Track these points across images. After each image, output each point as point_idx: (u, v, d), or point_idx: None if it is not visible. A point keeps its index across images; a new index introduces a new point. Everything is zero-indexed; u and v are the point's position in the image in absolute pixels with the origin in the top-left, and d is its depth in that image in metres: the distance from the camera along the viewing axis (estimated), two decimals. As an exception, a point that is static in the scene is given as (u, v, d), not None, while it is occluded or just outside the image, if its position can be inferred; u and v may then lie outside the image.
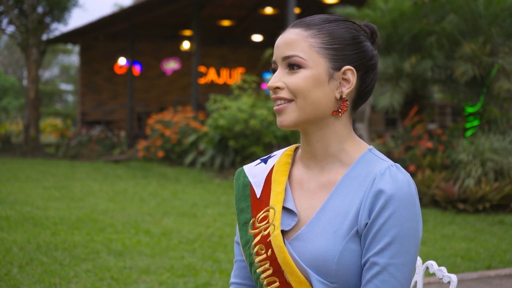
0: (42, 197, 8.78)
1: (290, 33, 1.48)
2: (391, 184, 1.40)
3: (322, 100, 1.45)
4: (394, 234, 1.38)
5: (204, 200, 8.86)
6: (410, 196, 1.40)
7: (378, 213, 1.39)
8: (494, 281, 4.78)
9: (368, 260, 1.40)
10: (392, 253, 1.38)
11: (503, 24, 8.88)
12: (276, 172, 1.56)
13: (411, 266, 1.41)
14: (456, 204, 7.79)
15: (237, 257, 1.63)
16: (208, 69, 21.83)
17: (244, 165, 1.68)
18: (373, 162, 1.47)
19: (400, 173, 1.43)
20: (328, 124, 1.48)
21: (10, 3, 19.18)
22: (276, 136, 11.24)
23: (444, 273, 1.67)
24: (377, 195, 1.40)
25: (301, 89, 1.44)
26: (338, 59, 1.46)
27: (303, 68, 1.45)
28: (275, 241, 1.47)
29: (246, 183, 1.60)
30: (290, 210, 1.50)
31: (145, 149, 14.62)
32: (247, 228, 1.54)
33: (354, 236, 1.42)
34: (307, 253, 1.44)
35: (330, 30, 1.47)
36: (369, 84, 1.51)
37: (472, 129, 8.97)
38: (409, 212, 1.40)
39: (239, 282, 1.63)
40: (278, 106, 1.47)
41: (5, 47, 39.09)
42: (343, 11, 9.68)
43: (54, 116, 32.31)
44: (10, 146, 19.34)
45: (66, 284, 4.42)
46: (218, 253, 5.49)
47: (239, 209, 1.58)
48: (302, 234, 1.46)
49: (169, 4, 16.26)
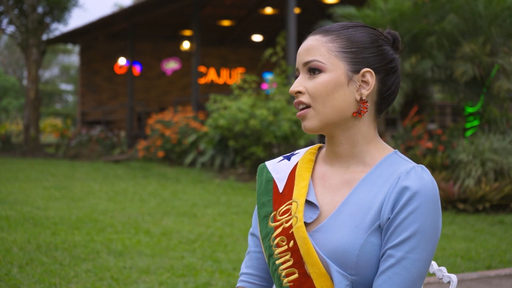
0: (42, 197, 8.78)
1: (310, 40, 1.54)
2: (416, 181, 1.43)
3: (341, 102, 1.49)
4: (415, 229, 1.41)
5: (204, 200, 8.86)
6: (434, 194, 1.44)
7: (402, 207, 1.42)
8: (494, 281, 4.78)
9: (386, 252, 1.42)
10: (410, 248, 1.41)
11: (503, 24, 8.88)
12: (300, 168, 1.60)
13: (426, 263, 1.43)
14: (456, 204, 7.79)
15: (251, 248, 1.65)
16: (208, 69, 21.83)
17: (266, 161, 1.72)
18: (398, 163, 1.51)
19: (425, 173, 1.46)
20: (351, 126, 1.51)
21: (10, 3, 19.18)
22: (276, 136, 11.24)
23: (444, 273, 1.67)
24: (402, 191, 1.43)
25: (320, 93, 1.49)
26: (357, 62, 1.50)
27: (322, 72, 1.49)
28: (298, 232, 1.49)
29: (269, 178, 1.63)
30: (312, 203, 1.53)
31: (145, 149, 14.62)
32: (267, 221, 1.57)
33: (376, 230, 1.44)
34: (328, 245, 1.46)
35: (348, 35, 1.52)
36: (391, 87, 1.54)
37: (472, 129, 8.97)
38: (432, 210, 1.43)
39: (251, 272, 1.64)
40: (300, 111, 1.52)
41: (5, 47, 39.11)
42: (343, 11, 9.67)
43: (54, 116, 32.34)
44: (10, 146, 19.33)
45: (66, 284, 4.42)
46: (218, 253, 5.49)
47: (260, 203, 1.61)
48: (324, 227, 1.48)
49: (169, 4, 16.26)
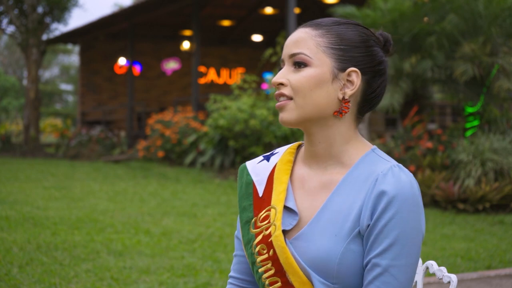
0: (42, 197, 8.78)
1: (299, 32, 1.50)
2: (393, 185, 1.39)
3: (323, 99, 1.45)
4: (396, 235, 1.38)
5: (204, 200, 8.85)
6: (412, 196, 1.39)
7: (380, 214, 1.39)
8: (494, 281, 4.78)
9: (370, 261, 1.39)
10: (394, 255, 1.38)
11: (503, 24, 8.88)
12: (279, 171, 1.55)
13: (413, 267, 1.40)
14: (456, 204, 7.79)
15: (237, 251, 1.63)
16: (208, 69, 21.83)
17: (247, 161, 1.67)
18: (376, 162, 1.46)
19: (402, 174, 1.42)
20: (330, 125, 1.47)
21: (10, 3, 19.18)
22: (276, 136, 11.24)
23: (444, 273, 1.67)
24: (379, 196, 1.39)
25: (303, 87, 1.44)
26: (344, 60, 1.46)
27: (308, 66, 1.45)
28: (276, 241, 1.46)
29: (249, 181, 1.59)
30: (292, 209, 1.49)
31: (145, 149, 14.62)
32: (248, 227, 1.54)
33: (356, 237, 1.41)
34: (308, 254, 1.43)
35: (339, 32, 1.47)
36: (376, 90, 1.50)
37: (472, 129, 8.97)
38: (411, 213, 1.39)
39: (238, 277, 1.63)
40: (280, 102, 1.48)
41: (5, 47, 39.10)
42: (343, 11, 9.67)
43: (54, 116, 32.34)
44: (10, 146, 19.33)
45: (66, 284, 4.42)
46: (218, 253, 5.49)
47: (242, 207, 1.58)
48: (303, 234, 1.45)
49: (169, 4, 16.26)
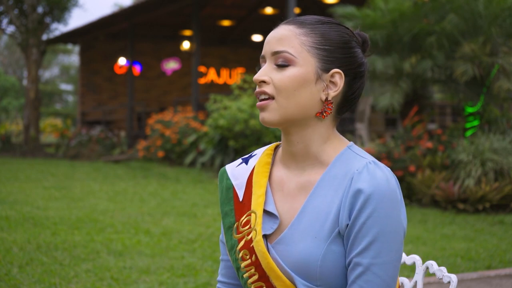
0: (42, 197, 8.78)
1: (282, 29, 1.46)
2: (369, 182, 1.38)
3: (306, 100, 1.43)
4: (375, 233, 1.37)
5: (204, 200, 8.86)
6: (389, 192, 1.38)
7: (358, 213, 1.38)
8: (494, 281, 4.78)
9: (352, 260, 1.39)
10: (375, 253, 1.37)
11: (503, 24, 8.88)
12: (257, 174, 1.54)
13: (395, 263, 1.39)
14: (456, 204, 7.79)
15: (223, 256, 1.62)
16: (208, 69, 21.83)
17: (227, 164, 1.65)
18: (352, 160, 1.45)
19: (378, 170, 1.40)
20: (310, 125, 1.46)
21: (10, 3, 19.18)
22: (276, 136, 11.24)
23: (444, 273, 1.67)
24: (355, 194, 1.38)
25: (286, 86, 1.42)
26: (328, 61, 1.44)
27: (291, 66, 1.43)
28: (257, 246, 1.45)
29: (229, 185, 1.57)
30: (272, 213, 1.48)
31: (145, 149, 14.62)
32: (231, 233, 1.53)
33: (336, 237, 1.40)
34: (290, 257, 1.42)
35: (323, 31, 1.46)
36: (356, 91, 1.49)
37: (472, 129, 8.97)
38: (389, 210, 1.37)
39: (225, 281, 1.62)
40: (261, 101, 1.45)
41: (5, 47, 39.11)
42: (343, 10, 9.67)
43: (54, 116, 32.34)
44: (10, 146, 19.33)
45: (66, 284, 4.42)
46: (218, 253, 5.48)
47: (224, 212, 1.56)
48: (284, 238, 1.45)
49: (169, 4, 16.26)
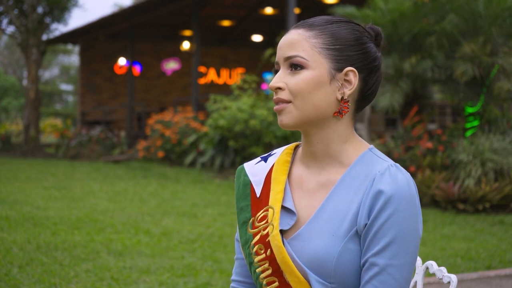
0: (42, 197, 8.78)
1: (293, 34, 1.47)
2: (390, 185, 1.39)
3: (322, 101, 1.44)
4: (393, 234, 1.38)
5: (204, 200, 8.85)
6: (409, 196, 1.40)
7: (378, 213, 1.39)
8: (494, 281, 4.78)
9: (367, 260, 1.39)
10: (392, 254, 1.38)
11: (503, 24, 8.88)
12: (276, 171, 1.55)
13: (410, 266, 1.40)
14: (456, 204, 7.79)
15: (238, 254, 1.63)
16: (208, 69, 21.83)
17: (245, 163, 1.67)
18: (373, 162, 1.46)
19: (400, 173, 1.42)
20: (329, 125, 1.47)
21: (10, 3, 19.18)
22: (276, 136, 11.24)
23: (444, 273, 1.67)
24: (376, 195, 1.40)
25: (302, 90, 1.43)
26: (340, 60, 1.45)
27: (305, 69, 1.44)
28: (273, 241, 1.46)
29: (247, 182, 1.59)
30: (289, 209, 1.49)
31: (145, 149, 14.62)
32: (246, 227, 1.54)
33: (353, 236, 1.41)
34: (306, 253, 1.43)
35: (332, 31, 1.46)
36: (372, 86, 1.50)
37: (472, 129, 8.97)
38: (408, 213, 1.39)
39: (240, 280, 1.63)
40: (278, 106, 1.46)
41: (5, 47, 39.10)
42: (343, 11, 9.67)
43: (54, 116, 32.34)
44: (10, 146, 19.33)
45: (66, 284, 4.42)
46: (218, 253, 5.49)
47: (239, 208, 1.58)
48: (301, 234, 1.46)
49: (169, 4, 16.26)
